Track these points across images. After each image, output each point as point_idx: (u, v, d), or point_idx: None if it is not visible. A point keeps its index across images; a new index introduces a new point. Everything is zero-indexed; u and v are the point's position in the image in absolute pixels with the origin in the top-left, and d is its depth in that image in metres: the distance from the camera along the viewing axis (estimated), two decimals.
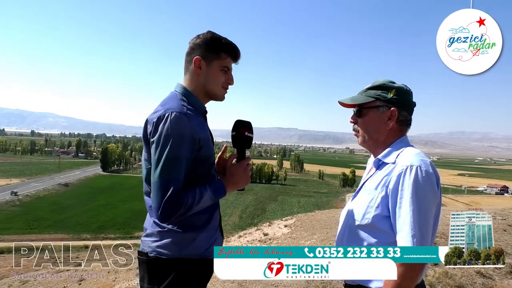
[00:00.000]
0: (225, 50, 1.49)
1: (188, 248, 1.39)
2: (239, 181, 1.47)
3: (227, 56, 1.50)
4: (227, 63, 1.51)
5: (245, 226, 28.55)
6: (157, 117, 1.34)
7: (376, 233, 1.30)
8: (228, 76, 1.53)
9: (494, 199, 68.12)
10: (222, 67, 1.49)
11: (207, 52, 1.47)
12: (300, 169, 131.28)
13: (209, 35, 1.49)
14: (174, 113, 1.33)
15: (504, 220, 6.25)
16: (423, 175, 1.23)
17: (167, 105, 1.38)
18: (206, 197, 1.35)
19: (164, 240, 1.38)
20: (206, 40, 1.47)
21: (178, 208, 1.28)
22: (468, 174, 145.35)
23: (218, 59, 1.48)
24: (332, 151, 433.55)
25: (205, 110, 1.55)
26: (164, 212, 1.28)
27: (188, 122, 1.34)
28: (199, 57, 1.47)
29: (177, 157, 1.31)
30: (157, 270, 1.38)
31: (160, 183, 1.29)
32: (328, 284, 4.03)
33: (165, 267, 1.37)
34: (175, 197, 1.28)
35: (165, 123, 1.31)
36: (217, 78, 1.50)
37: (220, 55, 1.48)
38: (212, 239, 1.48)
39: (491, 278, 3.97)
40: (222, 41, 1.48)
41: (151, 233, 1.42)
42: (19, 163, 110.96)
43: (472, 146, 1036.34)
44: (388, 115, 1.40)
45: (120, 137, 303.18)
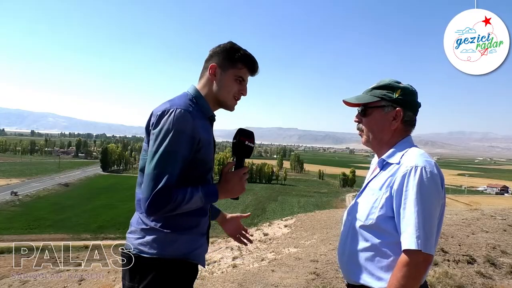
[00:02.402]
0: (242, 60, 1.50)
1: (169, 248, 1.37)
2: (233, 189, 1.45)
3: (244, 67, 1.51)
4: (242, 73, 1.51)
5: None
6: (162, 110, 1.35)
7: (380, 234, 1.30)
8: (242, 87, 1.53)
9: (494, 199, 68.06)
10: (237, 76, 1.50)
11: (224, 60, 1.49)
12: (300, 169, 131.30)
13: (229, 44, 1.51)
14: (179, 110, 1.33)
15: (504, 220, 6.24)
16: (428, 176, 1.22)
17: (174, 102, 1.40)
18: (196, 198, 1.34)
19: (146, 238, 1.37)
20: (225, 48, 1.49)
21: (166, 203, 1.27)
22: (468, 174, 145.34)
23: (234, 68, 1.49)
24: (332, 151, 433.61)
25: (213, 116, 1.54)
26: (152, 204, 1.26)
27: (191, 120, 1.34)
28: (215, 65, 1.49)
29: (174, 152, 1.30)
30: (138, 268, 1.37)
31: (153, 175, 1.28)
32: (328, 284, 4.02)
33: (145, 266, 1.36)
34: (166, 190, 1.26)
35: (168, 118, 1.32)
36: (230, 87, 1.50)
37: (236, 65, 1.49)
38: (197, 244, 1.46)
39: (491, 278, 3.97)
40: (240, 52, 1.50)
41: (135, 230, 1.42)
42: (19, 163, 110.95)
43: (472, 146, 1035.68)
44: (393, 115, 1.40)
45: (120, 137, 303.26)
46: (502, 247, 4.76)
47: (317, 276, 4.29)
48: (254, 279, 4.41)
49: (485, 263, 4.30)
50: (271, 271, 4.70)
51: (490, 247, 4.75)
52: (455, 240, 5.09)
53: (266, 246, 7.47)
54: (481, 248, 4.76)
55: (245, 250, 7.36)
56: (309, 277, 4.25)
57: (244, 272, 4.89)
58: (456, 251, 4.65)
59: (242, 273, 4.77)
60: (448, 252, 4.59)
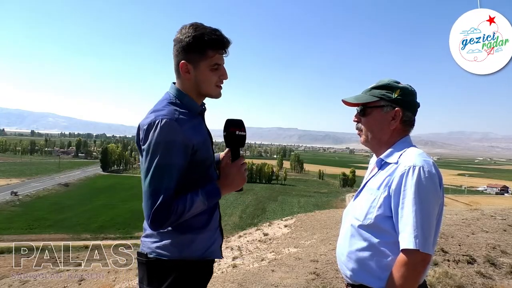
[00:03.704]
0: (211, 46, 1.35)
1: (187, 250, 1.37)
2: (234, 182, 1.43)
3: (215, 53, 1.36)
4: (216, 60, 1.38)
5: (245, 226, 28.50)
6: (147, 123, 1.29)
7: (379, 233, 1.30)
8: (220, 72, 1.41)
9: (494, 199, 68.05)
10: (211, 66, 1.38)
11: (191, 54, 1.35)
12: (300, 169, 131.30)
13: (191, 32, 1.34)
14: (164, 120, 1.27)
15: (504, 220, 6.24)
16: (426, 176, 1.22)
17: (158, 112, 1.32)
18: (198, 203, 1.32)
19: (164, 241, 1.36)
20: (188, 41, 1.34)
21: (168, 217, 1.26)
22: (468, 174, 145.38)
23: (205, 59, 1.36)
24: (332, 151, 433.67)
25: (202, 109, 1.47)
26: (154, 221, 1.26)
27: (179, 128, 1.29)
28: (185, 61, 1.36)
29: (167, 165, 1.27)
30: (157, 271, 1.36)
31: (150, 192, 1.26)
32: (328, 284, 4.02)
33: (165, 269, 1.35)
34: (164, 205, 1.25)
35: (155, 131, 1.26)
36: (208, 79, 1.39)
37: (206, 54, 1.35)
38: (211, 240, 1.46)
39: (491, 278, 3.97)
40: (205, 38, 1.33)
41: (151, 234, 1.40)
42: (19, 163, 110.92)
43: (472, 146, 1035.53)
44: (392, 115, 1.40)
45: (120, 137, 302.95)
46: (502, 247, 4.76)
47: (317, 276, 4.29)
48: (254, 279, 4.41)
49: (485, 263, 4.30)
50: (271, 271, 4.70)
51: (490, 247, 4.75)
52: (455, 240, 5.09)
53: (266, 246, 7.47)
54: (481, 248, 4.76)
55: (245, 250, 7.36)
56: (309, 277, 4.25)
57: (244, 272, 4.89)
58: (456, 251, 4.66)
59: (242, 273, 4.78)
60: (448, 252, 4.60)
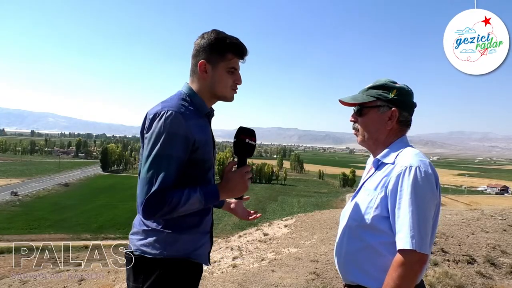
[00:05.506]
0: (231, 50, 1.43)
1: (171, 249, 1.38)
2: (235, 187, 1.40)
3: (233, 57, 1.45)
4: (233, 63, 1.46)
5: (245, 226, 28.48)
6: (153, 113, 1.34)
7: (376, 234, 1.30)
8: (236, 76, 1.48)
9: (494, 199, 68.03)
10: (229, 68, 1.45)
11: (212, 55, 1.42)
12: (300, 169, 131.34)
13: (213, 35, 1.43)
14: (170, 111, 1.32)
15: (504, 220, 6.24)
16: (422, 176, 1.22)
17: (166, 103, 1.38)
18: (194, 200, 1.31)
19: (149, 239, 1.38)
20: (210, 41, 1.42)
21: (161, 206, 1.26)
22: (468, 174, 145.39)
23: (224, 61, 1.43)
24: (332, 151, 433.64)
25: (210, 112, 1.51)
26: (146, 208, 1.26)
27: (183, 121, 1.32)
28: (204, 61, 1.43)
29: (167, 155, 1.29)
30: (142, 268, 1.38)
31: (147, 178, 1.27)
32: (328, 284, 4.02)
33: (149, 266, 1.37)
34: (160, 194, 1.25)
35: (159, 121, 1.31)
36: (224, 80, 1.46)
37: (226, 56, 1.43)
38: (199, 243, 1.46)
39: (491, 278, 3.97)
40: (227, 41, 1.42)
41: (137, 231, 1.42)
42: (19, 163, 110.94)
43: (472, 146, 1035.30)
44: (388, 115, 1.40)
45: (120, 137, 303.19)
46: (502, 247, 4.76)
47: (317, 276, 4.29)
48: (254, 279, 4.41)
49: (485, 263, 4.30)
50: (271, 271, 4.70)
51: (490, 247, 4.75)
52: (455, 240, 5.09)
53: (266, 246, 7.47)
54: (481, 248, 4.76)
55: (245, 250, 7.36)
56: (309, 277, 4.25)
57: (244, 272, 4.89)
58: (456, 251, 4.66)
59: (242, 273, 4.78)
60: (448, 252, 4.60)
